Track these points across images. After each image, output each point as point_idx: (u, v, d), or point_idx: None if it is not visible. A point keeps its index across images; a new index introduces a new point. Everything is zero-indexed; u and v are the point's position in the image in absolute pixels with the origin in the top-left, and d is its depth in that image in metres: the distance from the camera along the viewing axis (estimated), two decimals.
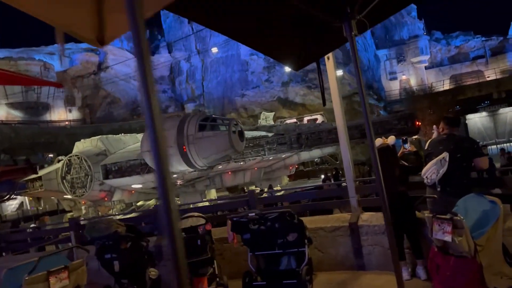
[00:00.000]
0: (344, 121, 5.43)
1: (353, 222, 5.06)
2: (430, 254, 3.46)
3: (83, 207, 27.84)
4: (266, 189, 29.16)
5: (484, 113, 47.46)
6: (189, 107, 48.39)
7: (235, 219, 4.76)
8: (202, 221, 5.02)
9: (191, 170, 21.75)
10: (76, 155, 25.03)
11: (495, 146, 43.39)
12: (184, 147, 20.46)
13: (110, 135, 27.35)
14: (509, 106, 44.39)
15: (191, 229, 5.02)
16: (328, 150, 31.31)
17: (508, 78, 42.77)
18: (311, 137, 24.93)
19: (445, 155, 4.19)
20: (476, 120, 47.93)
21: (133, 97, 49.90)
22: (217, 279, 5.02)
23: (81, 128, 43.54)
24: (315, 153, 29.02)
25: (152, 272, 4.99)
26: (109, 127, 41.62)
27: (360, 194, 5.35)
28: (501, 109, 45.99)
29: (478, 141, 4.48)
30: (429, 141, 4.77)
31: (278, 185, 29.87)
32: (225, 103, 47.88)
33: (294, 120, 41.37)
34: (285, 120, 41.17)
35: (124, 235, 4.83)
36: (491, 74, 46.34)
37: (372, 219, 4.98)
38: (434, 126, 4.91)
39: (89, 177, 24.32)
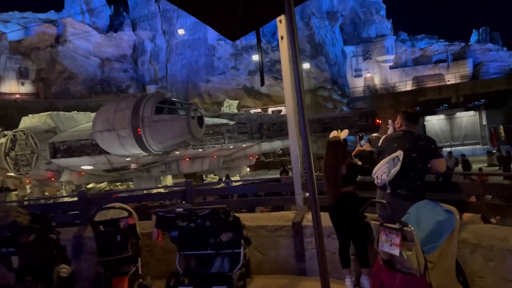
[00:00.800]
0: (296, 110, 4.90)
1: (297, 221, 4.56)
2: (375, 268, 3.00)
3: (27, 186, 26.24)
4: (224, 178, 28.62)
5: (442, 116, 48.87)
6: (151, 89, 46.80)
7: (160, 213, 4.15)
8: (125, 213, 4.37)
9: (146, 154, 20.80)
10: (22, 131, 23.39)
11: (449, 149, 44.73)
12: (138, 129, 19.46)
13: (61, 112, 25.81)
14: (466, 110, 45.86)
15: (111, 222, 4.36)
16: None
17: (467, 83, 44.06)
18: (273, 128, 24.52)
19: (399, 153, 3.74)
20: (434, 122, 49.25)
21: (93, 74, 47.67)
22: (140, 279, 4.39)
23: (34, 103, 41.09)
24: (276, 145, 28.67)
25: (64, 270, 4.30)
26: (65, 104, 39.47)
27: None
28: (457, 113, 47.49)
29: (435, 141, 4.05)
30: (383, 137, 4.29)
31: (237, 175, 29.36)
32: (189, 88, 46.66)
33: (259, 110, 40.96)
34: (249, 110, 40.68)
35: (26, 226, 4.12)
36: (451, 78, 47.61)
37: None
38: (390, 121, 4.44)
39: (35, 155, 22.80)
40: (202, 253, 4.30)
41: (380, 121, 29.49)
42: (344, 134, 4.40)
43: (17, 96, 42.45)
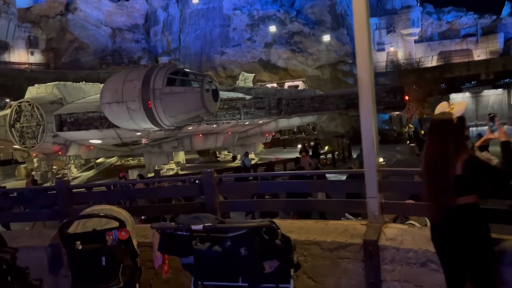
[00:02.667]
0: (372, 73, 3.31)
1: (371, 239, 3.07)
2: None
3: (35, 160, 25.22)
4: (239, 157, 27.18)
5: (467, 94, 46.37)
6: (163, 61, 45.06)
7: (167, 231, 2.67)
8: (114, 223, 2.91)
9: (157, 129, 19.35)
10: (27, 101, 22.13)
11: (475, 129, 42.65)
12: (149, 102, 17.95)
13: (69, 82, 24.42)
14: (493, 88, 43.36)
15: (93, 236, 2.91)
16: (308, 119, 29.39)
17: (498, 59, 41.44)
18: (292, 104, 22.75)
19: None
20: (459, 101, 46.90)
21: (103, 44, 46.02)
22: None
23: (44, 73, 39.97)
24: (295, 121, 27.07)
25: None
26: (75, 74, 38.16)
27: (385, 194, 3.27)
28: (484, 91, 44.99)
29: None
30: None
31: (253, 152, 27.91)
32: (202, 60, 44.83)
33: (275, 84, 39.08)
34: (265, 84, 38.83)
35: None
36: (480, 53, 44.84)
37: (405, 237, 2.98)
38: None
39: (41, 127, 21.58)
40: (231, 285, 2.84)
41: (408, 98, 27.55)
42: (459, 108, 2.79)
43: (26, 65, 41.19)
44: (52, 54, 44.38)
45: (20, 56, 43.09)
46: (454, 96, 46.14)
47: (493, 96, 45.56)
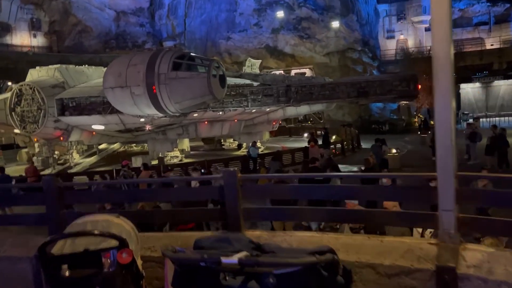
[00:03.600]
0: (452, 51, 2.56)
1: (447, 265, 2.35)
2: None
3: (36, 145, 24.63)
4: (244, 145, 26.44)
5: (477, 84, 45.24)
6: (168, 45, 44.12)
7: (184, 261, 1.93)
8: (112, 242, 2.19)
9: (161, 115, 18.64)
10: (28, 85, 21.47)
11: (485, 119, 41.67)
12: (154, 87, 17.22)
13: (71, 66, 23.68)
14: (505, 78, 42.24)
15: (86, 258, 2.19)
16: (317, 107, 28.53)
17: (511, 48, 40.22)
18: (302, 91, 21.93)
19: None
20: (468, 91, 45.73)
21: (107, 27, 45.05)
22: None
23: (46, 56, 39.12)
24: (303, 110, 26.22)
25: None
26: (78, 58, 37.29)
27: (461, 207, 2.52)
28: (495, 81, 43.88)
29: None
30: None
31: (259, 141, 27.16)
32: (208, 45, 43.81)
33: (281, 71, 38.12)
34: (271, 71, 37.87)
35: None
36: (493, 42, 43.56)
37: (494, 264, 2.26)
38: None
39: (42, 111, 20.95)
40: None
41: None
42: None
43: (28, 48, 40.34)
44: (55, 37, 43.53)
45: (22, 38, 42.26)
46: (463, 86, 45.07)
47: (503, 86, 44.45)
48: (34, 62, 34.16)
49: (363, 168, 12.11)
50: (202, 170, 15.67)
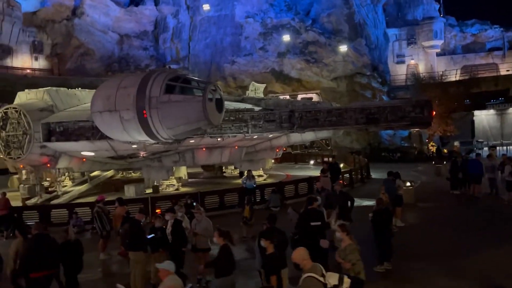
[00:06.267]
0: None
1: None
2: None
3: (23, 172, 23.21)
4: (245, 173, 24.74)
5: (491, 111, 43.45)
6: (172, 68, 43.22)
7: None
8: None
9: (153, 141, 17.08)
10: (14, 108, 20.13)
11: (500, 148, 39.59)
12: (144, 111, 15.71)
13: (62, 88, 22.42)
14: None
15: None
16: (323, 134, 26.93)
17: None
18: (306, 117, 20.30)
19: None
20: (482, 118, 43.89)
21: (110, 51, 44.43)
22: None
23: (46, 79, 38.28)
24: (308, 136, 24.63)
25: None
26: (79, 81, 36.39)
27: None
28: (510, 108, 42.14)
29: None
30: None
31: (261, 169, 25.48)
32: (212, 69, 42.83)
33: (287, 96, 36.75)
34: (277, 96, 36.52)
35: None
36: (508, 68, 42.09)
37: None
38: None
39: (28, 136, 19.51)
40: None
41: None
42: None
43: (28, 71, 39.60)
44: (57, 59, 42.92)
45: (23, 61, 41.69)
46: (477, 113, 43.34)
47: None
48: (32, 85, 33.07)
49: (374, 207, 10.36)
50: (194, 203, 13.97)
